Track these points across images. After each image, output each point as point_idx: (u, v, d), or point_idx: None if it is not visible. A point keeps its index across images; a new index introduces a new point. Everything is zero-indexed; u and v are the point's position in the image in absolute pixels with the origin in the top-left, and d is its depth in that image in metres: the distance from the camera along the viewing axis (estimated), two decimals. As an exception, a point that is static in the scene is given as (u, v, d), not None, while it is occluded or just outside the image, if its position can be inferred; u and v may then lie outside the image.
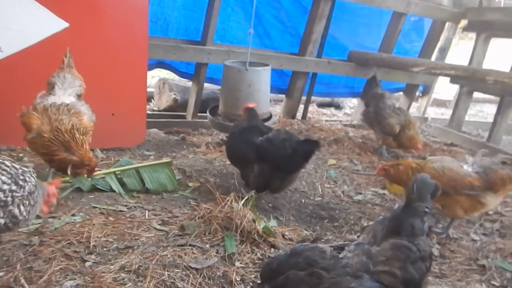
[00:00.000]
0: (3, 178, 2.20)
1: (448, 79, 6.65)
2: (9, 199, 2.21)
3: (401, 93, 7.74)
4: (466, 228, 3.78)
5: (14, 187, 2.23)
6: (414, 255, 1.79)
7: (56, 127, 3.13)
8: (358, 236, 3.19)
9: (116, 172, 3.70)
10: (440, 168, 3.50)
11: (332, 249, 1.93)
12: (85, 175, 3.32)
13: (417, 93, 7.91)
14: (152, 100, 7.17)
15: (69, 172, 3.18)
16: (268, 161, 3.51)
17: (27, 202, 2.32)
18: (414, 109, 8.26)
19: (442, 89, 9.40)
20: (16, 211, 2.26)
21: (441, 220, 3.88)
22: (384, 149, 5.55)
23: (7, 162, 2.30)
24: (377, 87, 5.72)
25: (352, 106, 9.01)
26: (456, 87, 7.67)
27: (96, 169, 3.35)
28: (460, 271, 3.09)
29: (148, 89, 5.69)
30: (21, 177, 2.30)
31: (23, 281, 2.24)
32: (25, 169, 2.39)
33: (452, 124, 6.97)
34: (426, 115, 7.97)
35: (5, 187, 2.19)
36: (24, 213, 2.31)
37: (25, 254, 2.51)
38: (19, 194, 2.26)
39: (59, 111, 3.24)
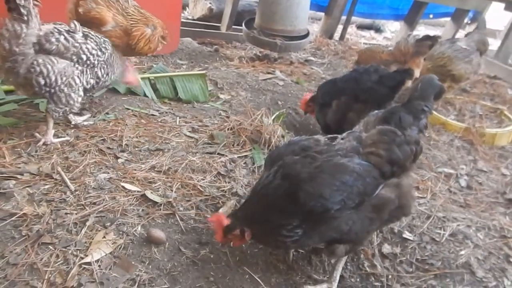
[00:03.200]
0: (92, 44, 2.64)
1: (502, 5, 6.13)
2: (96, 62, 2.67)
3: (448, 18, 7.24)
4: (497, 163, 3.70)
5: (98, 53, 2.68)
6: (400, 139, 1.94)
7: (124, 11, 3.39)
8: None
9: (150, 78, 3.70)
10: (367, 48, 4.57)
11: (326, 139, 2.07)
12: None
13: (466, 20, 7.38)
14: (187, 8, 6.96)
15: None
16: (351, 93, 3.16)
17: (105, 67, 2.79)
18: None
19: (492, 18, 8.69)
20: (99, 73, 2.75)
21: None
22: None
23: (92, 32, 2.74)
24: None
25: (393, 30, 8.54)
26: (508, 17, 7.10)
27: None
28: (485, 203, 3.07)
29: (183, -4, 5.50)
30: (103, 45, 2.75)
31: (59, 169, 2.35)
32: (105, 39, 2.83)
33: (498, 56, 6.55)
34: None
35: (93, 52, 2.63)
36: (104, 76, 2.80)
37: (62, 145, 2.62)
38: (101, 59, 2.72)
39: (120, 1, 3.37)
